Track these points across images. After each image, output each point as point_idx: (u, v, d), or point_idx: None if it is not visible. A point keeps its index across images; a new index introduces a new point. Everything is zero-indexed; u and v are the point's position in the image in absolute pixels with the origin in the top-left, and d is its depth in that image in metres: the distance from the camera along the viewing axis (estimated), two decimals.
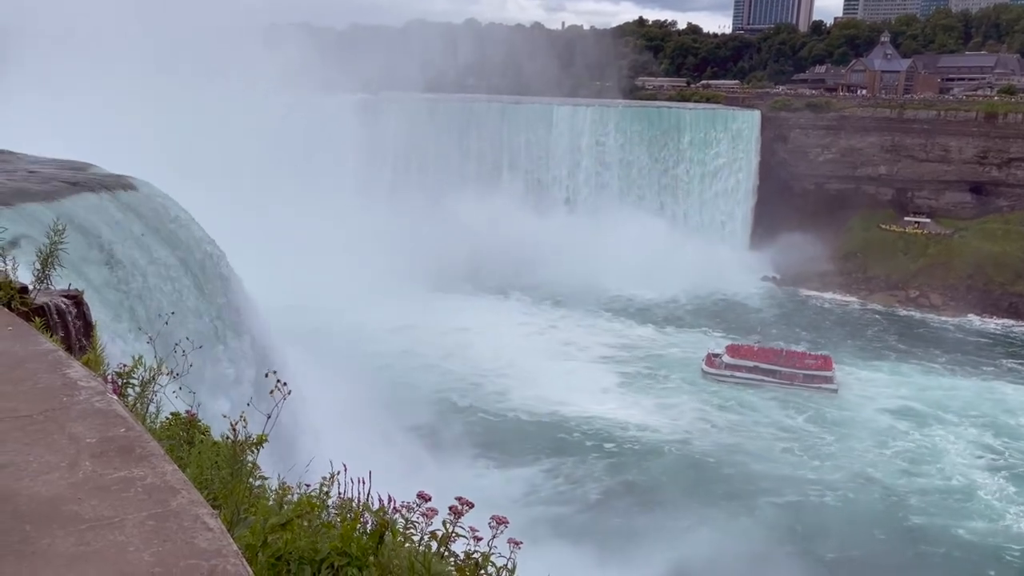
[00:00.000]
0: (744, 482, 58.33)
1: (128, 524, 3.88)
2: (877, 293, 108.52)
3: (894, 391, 76.56)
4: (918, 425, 69.30)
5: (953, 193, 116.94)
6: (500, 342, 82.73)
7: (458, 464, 55.50)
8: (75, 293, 11.86)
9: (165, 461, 4.46)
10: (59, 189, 24.74)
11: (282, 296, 49.23)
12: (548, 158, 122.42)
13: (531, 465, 59.47)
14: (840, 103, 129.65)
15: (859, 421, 69.75)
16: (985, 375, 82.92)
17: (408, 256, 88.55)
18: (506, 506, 42.91)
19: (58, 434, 4.69)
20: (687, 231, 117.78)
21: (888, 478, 60.11)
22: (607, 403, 71.75)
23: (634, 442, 64.24)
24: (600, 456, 61.84)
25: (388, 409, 54.37)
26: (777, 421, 69.89)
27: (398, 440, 50.40)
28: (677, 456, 62.78)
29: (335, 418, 38.20)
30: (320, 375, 40.16)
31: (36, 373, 5.61)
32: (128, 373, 7.29)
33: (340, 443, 31.34)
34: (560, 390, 72.55)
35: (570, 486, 57.32)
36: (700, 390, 75.83)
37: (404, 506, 5.52)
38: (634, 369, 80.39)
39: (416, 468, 46.42)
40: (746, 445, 64.81)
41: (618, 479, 58.43)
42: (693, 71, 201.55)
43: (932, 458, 63.72)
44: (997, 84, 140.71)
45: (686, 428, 67.61)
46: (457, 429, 61.86)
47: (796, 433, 67.53)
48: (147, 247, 26.99)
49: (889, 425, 69.09)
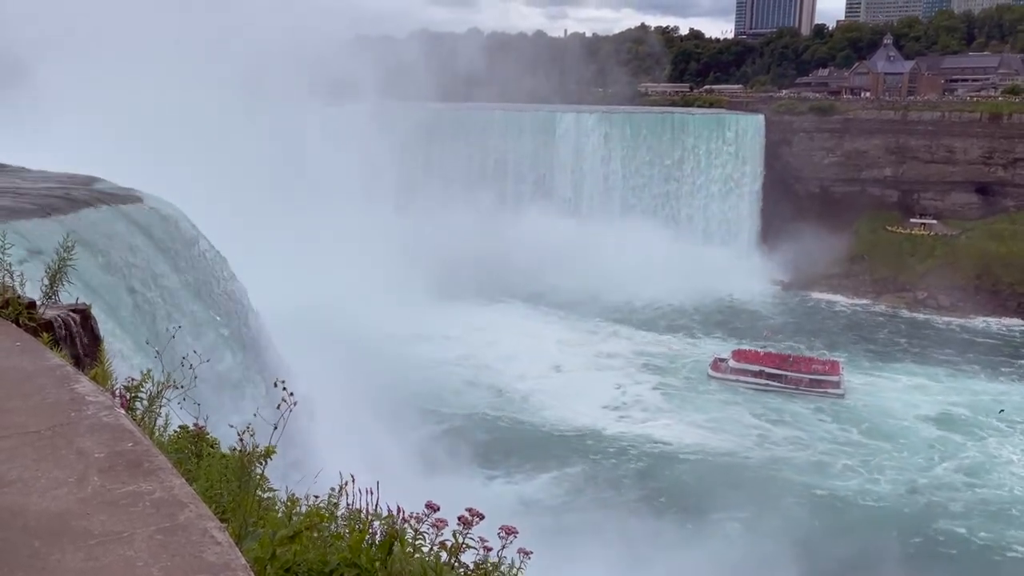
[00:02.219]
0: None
1: (137, 539, 3.88)
2: (885, 295, 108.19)
3: (923, 396, 75.95)
4: (960, 432, 68.48)
5: (959, 194, 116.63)
6: (506, 349, 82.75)
7: (463, 473, 55.43)
8: (82, 307, 11.89)
9: (173, 475, 4.46)
10: (65, 203, 24.82)
11: (289, 305, 49.28)
12: (553, 165, 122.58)
13: (544, 472, 59.34)
14: (844, 106, 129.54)
15: (898, 430, 68.83)
16: (1010, 377, 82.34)
17: (414, 264, 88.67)
18: (511, 513, 42.86)
19: (66, 449, 4.70)
20: (693, 236, 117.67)
21: (941, 489, 59.50)
22: (623, 410, 71.77)
23: (654, 456, 63.81)
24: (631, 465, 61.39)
25: (398, 417, 54.37)
26: (822, 432, 69.11)
27: (409, 448, 50.36)
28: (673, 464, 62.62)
29: (344, 426, 38.19)
30: (328, 383, 40.13)
31: (44, 388, 5.63)
32: (136, 387, 7.30)
33: (351, 453, 31.33)
34: (569, 398, 72.65)
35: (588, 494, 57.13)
36: (707, 397, 75.62)
37: (413, 516, 5.50)
38: (641, 374, 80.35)
39: (428, 475, 46.40)
40: (795, 458, 64.15)
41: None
42: (696, 76, 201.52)
43: (989, 467, 62.82)
44: (1001, 84, 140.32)
45: (693, 440, 67.44)
46: (470, 436, 61.94)
47: (846, 443, 66.64)
48: (154, 260, 27.06)
49: (939, 435, 67.96)
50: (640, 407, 72.98)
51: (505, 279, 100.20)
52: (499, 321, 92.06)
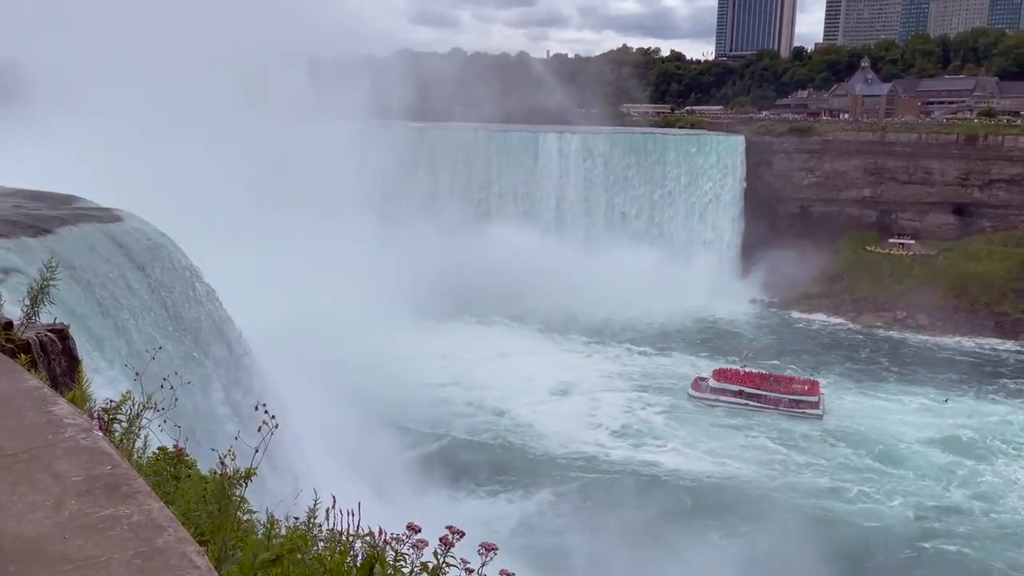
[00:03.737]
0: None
1: (114, 563, 3.84)
2: (864, 315, 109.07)
3: (906, 415, 76.22)
4: (960, 454, 68.62)
5: (936, 214, 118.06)
6: (486, 368, 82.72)
7: (445, 493, 55.18)
8: (60, 327, 11.77)
9: (151, 498, 4.42)
10: (45, 222, 24.63)
11: (270, 325, 49.00)
12: (535, 185, 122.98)
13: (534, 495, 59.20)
14: (823, 127, 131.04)
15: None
16: (995, 398, 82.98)
17: (397, 284, 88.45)
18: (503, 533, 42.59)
19: (43, 472, 4.65)
20: (674, 255, 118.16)
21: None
22: (603, 429, 71.72)
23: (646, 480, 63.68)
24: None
25: (384, 436, 54.10)
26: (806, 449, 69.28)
27: (395, 469, 50.06)
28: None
29: (326, 447, 37.91)
30: (312, 404, 39.88)
31: (21, 411, 5.57)
32: (114, 409, 7.23)
33: (332, 474, 31.10)
34: (547, 416, 72.75)
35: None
36: (684, 417, 75.71)
37: (394, 537, 5.48)
38: (621, 393, 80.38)
39: (416, 496, 46.15)
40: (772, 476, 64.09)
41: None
42: (677, 97, 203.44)
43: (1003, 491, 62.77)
44: (976, 107, 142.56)
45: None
46: (453, 457, 61.70)
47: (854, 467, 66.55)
48: (134, 280, 26.85)
49: (950, 459, 67.72)
50: (619, 423, 73.16)
51: (487, 300, 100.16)
52: (481, 341, 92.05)
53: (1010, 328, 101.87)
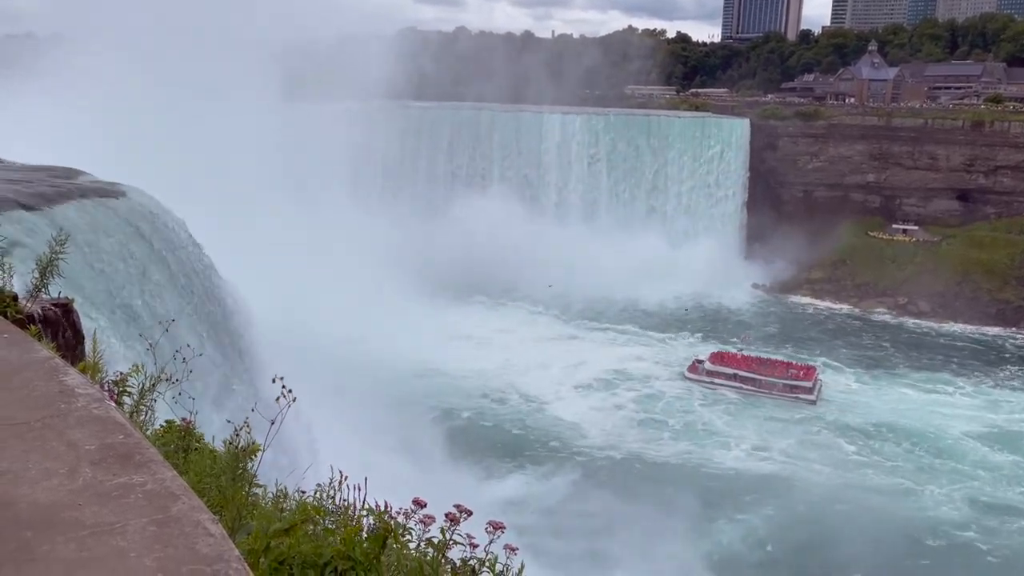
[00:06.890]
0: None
1: (129, 530, 3.86)
2: (867, 300, 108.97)
3: (909, 400, 76.33)
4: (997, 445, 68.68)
5: (940, 201, 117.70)
6: (486, 350, 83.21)
7: (445, 471, 55.52)
8: (65, 301, 11.77)
9: (165, 467, 4.45)
10: (49, 196, 24.62)
11: (275, 305, 49.07)
12: (539, 166, 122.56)
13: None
14: (828, 111, 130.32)
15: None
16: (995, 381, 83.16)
17: (400, 265, 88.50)
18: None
19: (56, 441, 4.67)
20: (677, 239, 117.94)
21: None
22: (599, 410, 72.08)
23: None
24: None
25: (385, 416, 54.35)
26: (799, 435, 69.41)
27: (397, 448, 50.33)
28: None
29: (332, 426, 38.08)
30: (314, 384, 40.02)
31: (33, 380, 5.59)
32: (123, 381, 7.26)
33: (338, 451, 31.22)
34: (546, 391, 73.65)
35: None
36: (674, 398, 76.16)
37: (401, 512, 5.51)
38: (621, 374, 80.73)
39: (420, 474, 46.48)
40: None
41: None
42: (682, 79, 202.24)
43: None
44: (984, 93, 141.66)
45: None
46: (455, 438, 62.23)
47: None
48: (138, 256, 26.87)
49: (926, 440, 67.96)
50: (615, 404, 73.69)
51: (490, 281, 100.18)
52: (482, 323, 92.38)
53: (1012, 315, 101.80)
